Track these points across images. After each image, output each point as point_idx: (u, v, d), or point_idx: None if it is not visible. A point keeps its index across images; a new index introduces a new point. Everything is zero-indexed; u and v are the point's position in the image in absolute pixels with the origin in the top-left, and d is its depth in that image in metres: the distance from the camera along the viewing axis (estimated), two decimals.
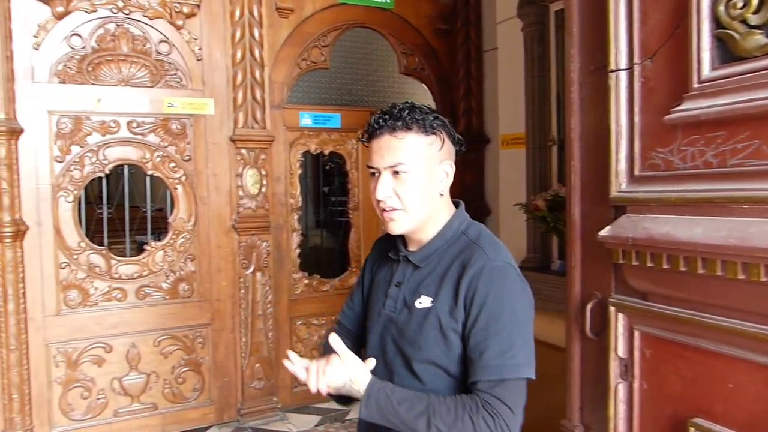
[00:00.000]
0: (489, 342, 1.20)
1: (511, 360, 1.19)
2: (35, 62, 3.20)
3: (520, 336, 1.22)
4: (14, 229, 3.10)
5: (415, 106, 1.30)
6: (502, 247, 1.31)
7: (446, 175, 1.34)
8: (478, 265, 1.24)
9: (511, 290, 1.24)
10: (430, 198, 1.30)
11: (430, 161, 1.29)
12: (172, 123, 3.51)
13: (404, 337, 1.30)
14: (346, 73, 4.05)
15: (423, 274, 1.32)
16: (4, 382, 3.14)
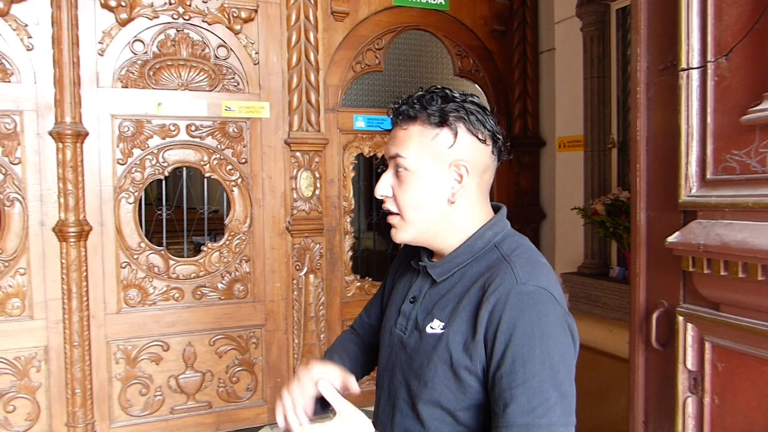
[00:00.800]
0: (515, 392, 0.94)
1: (543, 418, 0.92)
2: (100, 68, 3.31)
3: (556, 386, 0.94)
4: (78, 229, 3.21)
5: (435, 91, 1.09)
6: (542, 268, 1.04)
7: (459, 179, 1.07)
8: (503, 288, 0.99)
9: (546, 323, 0.96)
10: (432, 205, 1.07)
11: (436, 159, 1.06)
12: (229, 126, 3.57)
13: (411, 367, 1.08)
14: (400, 76, 4.04)
15: (441, 291, 1.09)
16: (68, 377, 3.26)
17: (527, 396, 0.93)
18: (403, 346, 1.10)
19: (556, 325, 0.97)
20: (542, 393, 0.93)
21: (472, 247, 1.09)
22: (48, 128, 3.18)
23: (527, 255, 1.07)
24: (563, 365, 0.96)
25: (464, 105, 1.07)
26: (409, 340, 1.09)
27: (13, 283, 3.20)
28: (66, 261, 3.22)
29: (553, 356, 0.95)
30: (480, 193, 1.11)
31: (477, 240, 1.09)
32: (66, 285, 3.23)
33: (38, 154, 3.20)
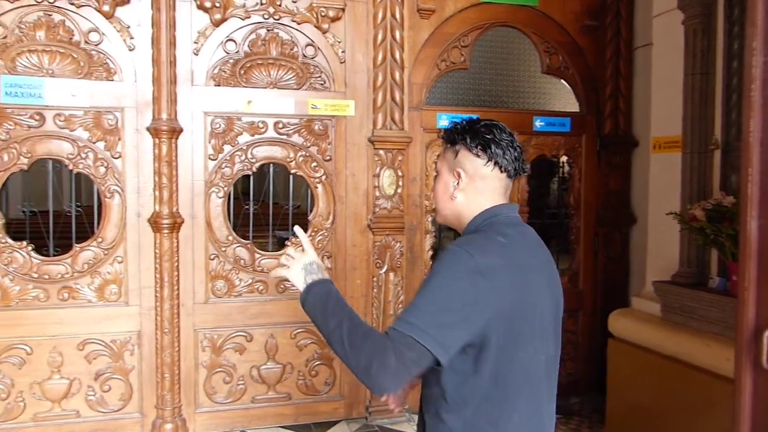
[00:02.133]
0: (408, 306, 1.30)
1: (407, 316, 1.25)
2: (194, 66, 3.45)
3: (424, 304, 1.26)
4: (171, 221, 3.35)
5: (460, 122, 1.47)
6: (484, 240, 1.36)
7: (457, 181, 1.44)
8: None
9: (444, 265, 1.29)
10: (444, 198, 1.48)
11: (448, 167, 1.47)
12: (315, 124, 3.63)
13: None
14: (485, 74, 3.96)
15: None
16: (158, 361, 3.41)
17: (408, 307, 1.28)
18: None
19: (453, 269, 1.27)
20: (412, 307, 1.27)
21: (466, 231, 1.45)
22: (146, 124, 3.34)
23: (478, 235, 1.39)
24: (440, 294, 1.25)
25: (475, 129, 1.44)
26: None
27: (111, 270, 3.38)
28: (159, 251, 3.37)
29: (435, 285, 1.27)
30: (478, 194, 1.43)
31: (469, 226, 1.45)
32: (159, 274, 3.38)
33: (136, 148, 3.37)
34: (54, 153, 3.30)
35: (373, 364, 1.22)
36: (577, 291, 4.17)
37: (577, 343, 4.19)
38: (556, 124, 4.02)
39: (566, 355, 4.17)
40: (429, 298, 1.27)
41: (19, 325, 3.27)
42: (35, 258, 3.30)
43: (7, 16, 3.16)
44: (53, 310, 3.31)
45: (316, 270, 1.46)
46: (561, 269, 4.16)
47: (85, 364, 3.37)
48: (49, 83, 3.23)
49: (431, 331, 1.23)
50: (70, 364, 3.35)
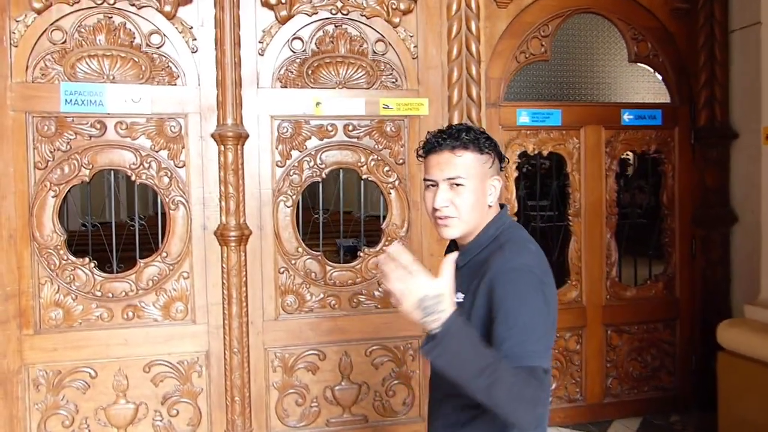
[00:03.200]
0: (508, 334, 1.30)
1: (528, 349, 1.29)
2: (260, 68, 3.23)
3: (533, 331, 1.31)
4: (239, 233, 3.13)
5: (471, 127, 1.48)
6: (528, 251, 1.43)
7: (494, 189, 1.49)
8: (496, 267, 1.37)
9: (526, 290, 1.34)
10: (480, 207, 1.46)
11: (482, 176, 1.46)
12: (386, 125, 3.38)
13: None
14: (567, 65, 3.67)
15: (463, 273, 1.47)
16: (227, 383, 3.19)
17: (515, 340, 1.28)
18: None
19: (530, 289, 1.34)
20: (524, 338, 1.28)
21: (479, 241, 1.48)
22: (210, 130, 3.14)
23: (516, 242, 1.44)
24: (538, 317, 1.32)
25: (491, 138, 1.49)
26: None
27: (177, 287, 3.18)
28: (227, 266, 3.15)
29: (530, 313, 1.31)
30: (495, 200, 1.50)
31: (483, 235, 1.48)
32: (226, 290, 3.16)
33: (201, 156, 3.16)
34: (116, 163, 3.11)
35: (537, 407, 1.24)
36: (674, 299, 3.82)
37: (675, 356, 3.83)
38: (645, 117, 3.69)
39: (662, 368, 3.81)
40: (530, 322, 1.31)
41: (84, 347, 3.08)
42: (98, 275, 3.11)
43: (66, 19, 3.00)
44: (118, 330, 3.12)
45: (436, 304, 1.20)
46: (655, 275, 3.83)
47: (151, 387, 3.16)
48: (110, 90, 3.05)
49: (546, 354, 1.36)
50: (136, 387, 3.15)
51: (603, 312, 3.72)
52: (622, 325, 3.76)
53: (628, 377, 3.79)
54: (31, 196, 3.01)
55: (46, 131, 3.01)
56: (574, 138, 3.64)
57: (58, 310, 3.06)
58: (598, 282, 3.71)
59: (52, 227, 3.04)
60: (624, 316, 3.75)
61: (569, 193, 3.68)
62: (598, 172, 3.68)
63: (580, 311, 3.69)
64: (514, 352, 1.27)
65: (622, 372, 3.78)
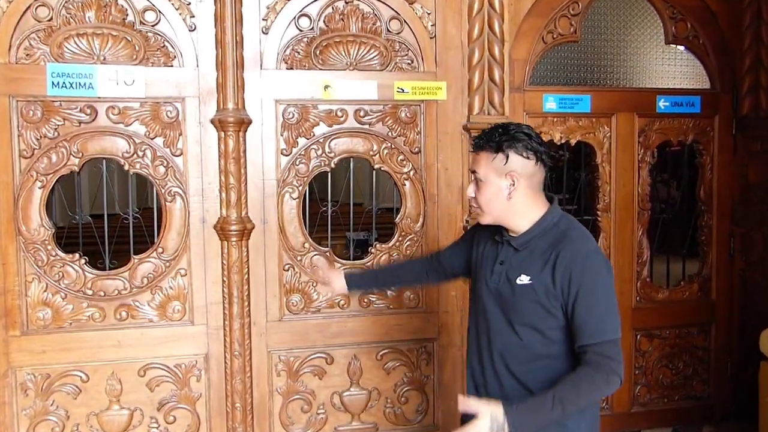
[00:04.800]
0: (590, 314, 1.54)
1: (608, 325, 1.55)
2: (264, 47, 2.97)
3: (610, 307, 1.57)
4: (240, 227, 2.89)
5: (493, 128, 1.65)
6: (589, 237, 1.67)
7: (513, 184, 1.63)
8: (571, 253, 1.57)
9: (600, 271, 1.58)
10: (498, 201, 1.65)
11: (497, 173, 1.62)
12: (401, 111, 3.10)
13: (507, 305, 1.67)
14: (598, 47, 3.36)
15: (522, 256, 1.66)
16: (228, 388, 2.97)
17: (597, 315, 1.56)
18: (499, 293, 1.70)
19: (603, 271, 1.60)
20: (605, 312, 1.57)
21: (540, 226, 1.66)
22: (210, 116, 2.89)
23: (579, 230, 1.68)
24: (612, 296, 1.60)
25: (515, 135, 1.62)
26: (502, 288, 1.69)
27: (173, 285, 2.95)
28: (227, 262, 2.92)
29: (607, 291, 1.59)
30: (531, 190, 1.65)
31: (542, 222, 1.66)
32: (227, 288, 2.93)
33: (200, 144, 2.92)
34: (108, 151, 2.87)
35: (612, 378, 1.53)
36: (709, 302, 3.54)
37: (709, 362, 3.56)
38: (683, 104, 3.38)
39: (695, 375, 3.55)
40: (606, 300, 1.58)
41: (74, 349, 2.87)
42: (89, 272, 2.88)
43: None
44: (110, 332, 2.90)
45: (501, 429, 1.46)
46: (689, 275, 3.55)
47: (146, 392, 2.95)
48: (100, 71, 2.80)
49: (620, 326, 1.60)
50: (130, 392, 2.94)
51: (632, 315, 3.45)
52: (652, 329, 3.49)
53: (658, 385, 3.52)
54: (16, 187, 2.77)
55: (31, 117, 2.77)
56: (605, 126, 3.36)
57: (46, 310, 2.84)
58: (628, 282, 3.44)
59: (40, 221, 2.81)
60: (655, 319, 3.48)
61: (598, 186, 3.40)
62: (630, 164, 3.39)
63: None
64: (598, 327, 1.55)
65: (652, 379, 3.52)
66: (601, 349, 1.52)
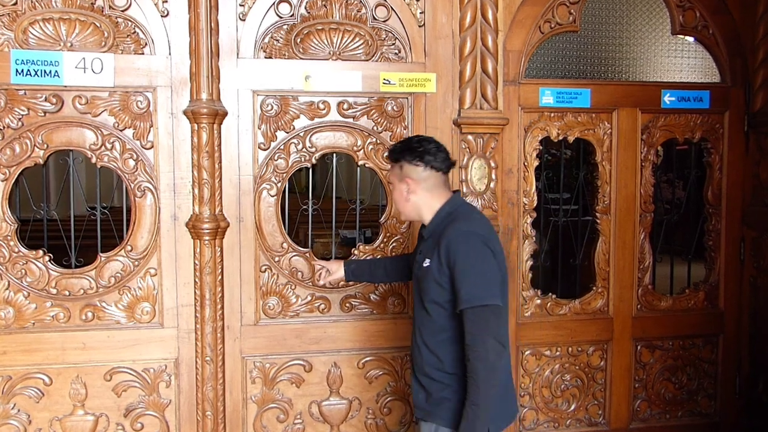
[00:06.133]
0: (463, 283, 1.83)
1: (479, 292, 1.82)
2: (241, 35, 2.80)
3: (481, 278, 1.84)
4: (214, 225, 2.73)
5: (399, 142, 2.09)
6: (473, 220, 1.97)
7: (407, 187, 2.01)
8: (450, 234, 1.89)
9: (474, 247, 1.86)
10: (401, 202, 2.05)
11: (398, 179, 2.04)
12: (387, 103, 2.92)
13: (420, 286, 2.02)
14: (599, 37, 3.16)
15: (428, 244, 2.00)
16: (199, 395, 2.82)
17: (468, 284, 1.83)
18: (417, 277, 2.05)
19: (475, 246, 1.86)
20: (475, 281, 1.83)
21: (437, 218, 2.00)
22: (182, 106, 2.73)
23: (465, 214, 1.98)
24: (483, 266, 1.85)
25: (409, 147, 2.00)
26: (418, 273, 2.03)
27: (143, 285, 2.79)
28: (199, 262, 2.76)
29: (478, 265, 1.85)
30: (428, 191, 2.00)
31: (439, 213, 2.00)
32: (199, 290, 2.77)
33: (171, 136, 2.76)
34: (74, 143, 2.72)
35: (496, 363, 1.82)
36: (717, 311, 3.31)
37: (716, 376, 3.33)
38: (690, 99, 3.16)
39: (700, 390, 3.33)
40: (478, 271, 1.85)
41: (37, 351, 2.72)
42: (54, 270, 2.74)
43: None
44: (75, 333, 2.75)
45: None
46: (695, 283, 3.33)
47: (113, 397, 2.80)
48: (67, 58, 2.65)
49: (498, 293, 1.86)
50: (95, 396, 2.79)
51: (633, 324, 3.24)
52: (654, 339, 3.27)
53: (659, 400, 3.30)
54: None
55: None
56: (606, 122, 3.15)
57: (8, 309, 2.70)
58: (628, 289, 3.23)
59: (2, 215, 2.67)
60: (657, 329, 3.26)
61: (597, 186, 3.19)
62: (632, 163, 3.18)
63: (605, 323, 3.22)
64: (470, 294, 1.81)
65: (653, 393, 3.30)
66: (473, 316, 1.80)
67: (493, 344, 1.78)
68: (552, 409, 3.22)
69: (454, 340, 1.91)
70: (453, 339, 1.92)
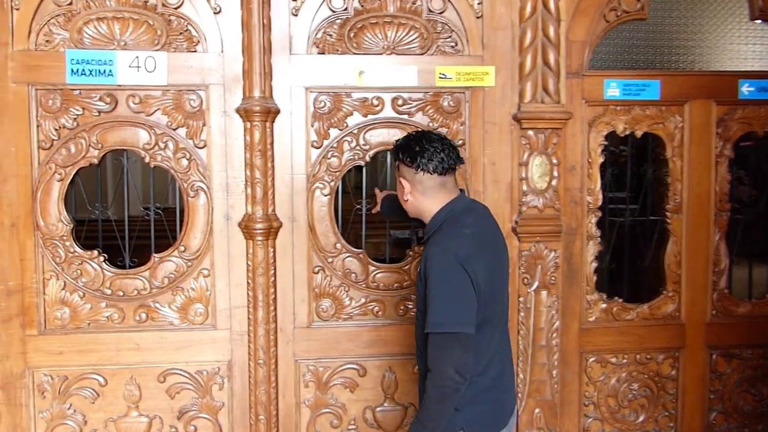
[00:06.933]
0: (430, 306, 1.72)
1: (439, 319, 1.69)
2: (293, 30, 2.74)
3: (447, 303, 1.70)
4: (266, 225, 2.67)
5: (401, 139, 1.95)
6: (456, 235, 1.78)
7: (404, 188, 1.90)
8: (429, 248, 1.78)
9: (440, 270, 1.72)
10: (402, 202, 1.96)
11: (400, 178, 1.92)
12: (443, 99, 2.81)
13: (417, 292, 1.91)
14: (669, 24, 2.98)
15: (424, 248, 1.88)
16: (252, 399, 2.76)
17: (435, 308, 1.70)
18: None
19: (449, 268, 1.71)
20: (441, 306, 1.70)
21: (433, 223, 1.87)
22: (235, 105, 2.68)
23: (449, 228, 1.80)
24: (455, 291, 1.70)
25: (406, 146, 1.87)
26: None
27: (196, 286, 2.76)
28: (252, 263, 2.71)
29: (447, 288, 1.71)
30: (422, 194, 1.87)
31: (435, 219, 1.87)
32: (252, 291, 2.72)
33: (224, 135, 2.71)
34: (128, 143, 2.71)
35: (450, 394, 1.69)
36: None
37: None
38: None
39: None
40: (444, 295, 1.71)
41: (92, 351, 2.72)
42: (108, 270, 2.73)
43: None
44: (129, 334, 2.74)
45: None
46: None
47: (166, 399, 2.77)
48: (121, 57, 2.64)
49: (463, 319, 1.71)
50: (149, 398, 2.77)
51: (707, 331, 3.03)
52: (731, 347, 3.05)
53: (737, 412, 3.08)
54: (34, 180, 2.65)
55: (50, 106, 2.63)
56: (677, 115, 2.95)
57: (64, 309, 2.71)
58: (702, 294, 3.02)
59: (58, 215, 2.67)
60: (734, 336, 3.04)
61: (668, 183, 3.00)
62: (705, 159, 2.98)
63: (677, 329, 3.02)
64: (435, 320, 1.69)
65: (730, 405, 3.08)
66: (435, 341, 1.69)
67: (451, 374, 1.66)
68: (619, 420, 3.04)
69: None
70: None
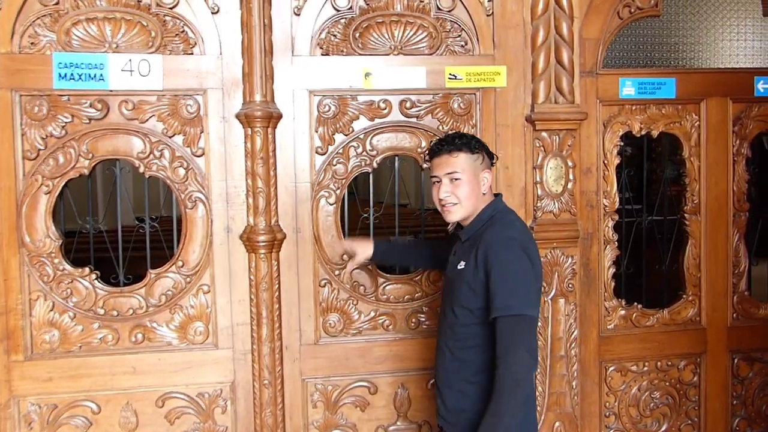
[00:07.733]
0: (499, 290, 1.75)
1: (514, 301, 1.74)
2: (295, 31, 2.59)
3: (519, 287, 1.76)
4: (270, 237, 2.52)
5: (463, 134, 1.99)
6: (514, 226, 1.91)
7: (486, 180, 1.94)
8: (490, 238, 1.83)
9: (513, 254, 1.79)
10: (475, 195, 1.93)
11: (474, 171, 1.92)
12: (453, 100, 2.68)
13: (451, 289, 1.96)
14: (684, 21, 2.89)
15: (465, 246, 1.94)
16: (257, 422, 2.60)
17: (505, 291, 1.75)
18: (449, 279, 2.00)
19: (515, 254, 1.80)
20: (512, 290, 1.75)
21: (479, 220, 1.94)
22: (234, 110, 2.53)
23: (507, 220, 1.92)
24: (521, 275, 1.78)
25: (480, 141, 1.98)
26: (452, 274, 1.97)
27: (195, 303, 2.59)
28: (255, 277, 2.54)
29: (515, 272, 1.77)
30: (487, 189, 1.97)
31: (482, 215, 1.94)
32: (255, 307, 2.56)
33: (223, 142, 2.55)
34: (121, 152, 2.53)
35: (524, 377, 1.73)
36: None
37: None
38: None
39: None
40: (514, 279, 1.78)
41: (84, 376, 2.53)
42: (101, 289, 2.55)
43: None
44: (124, 356, 2.55)
45: None
46: None
47: (165, 425, 2.59)
48: (112, 61, 2.47)
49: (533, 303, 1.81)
50: (147, 425, 2.58)
51: (728, 335, 2.93)
52: (753, 351, 2.96)
53: (761, 417, 2.99)
54: (19, 193, 2.46)
55: (36, 113, 2.45)
56: (693, 114, 2.86)
57: (53, 331, 2.52)
58: (722, 297, 2.93)
59: (45, 230, 2.48)
60: (756, 340, 2.95)
61: (685, 184, 2.90)
62: (723, 158, 2.89)
63: (698, 334, 2.92)
64: (506, 303, 1.74)
65: (753, 411, 2.98)
66: (506, 325, 1.73)
67: (524, 357, 1.72)
68: (641, 430, 2.92)
69: (480, 348, 1.86)
70: (479, 347, 1.87)
